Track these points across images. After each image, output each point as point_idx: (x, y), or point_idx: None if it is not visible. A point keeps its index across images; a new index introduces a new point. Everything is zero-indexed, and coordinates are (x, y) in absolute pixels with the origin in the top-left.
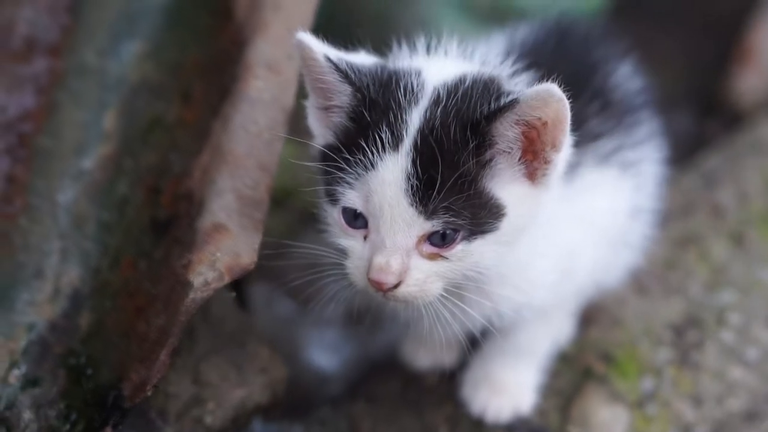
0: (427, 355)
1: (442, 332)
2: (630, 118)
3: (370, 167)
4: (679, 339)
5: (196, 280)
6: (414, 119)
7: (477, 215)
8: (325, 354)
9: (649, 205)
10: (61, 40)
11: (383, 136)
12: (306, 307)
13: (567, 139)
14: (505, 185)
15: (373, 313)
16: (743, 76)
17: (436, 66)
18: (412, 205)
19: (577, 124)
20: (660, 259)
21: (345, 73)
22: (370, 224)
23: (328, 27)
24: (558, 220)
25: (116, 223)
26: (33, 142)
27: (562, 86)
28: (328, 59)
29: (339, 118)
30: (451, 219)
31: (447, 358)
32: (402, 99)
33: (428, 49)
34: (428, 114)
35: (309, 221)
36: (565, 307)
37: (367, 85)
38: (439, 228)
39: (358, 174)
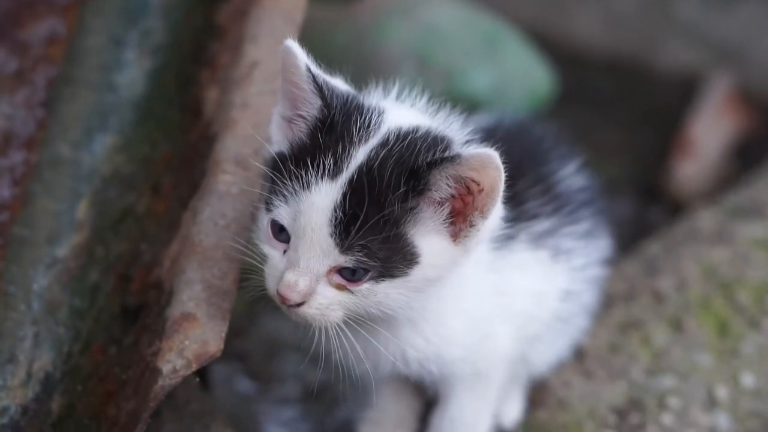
0: None
1: (354, 367)
2: (569, 210)
3: (306, 187)
4: (622, 422)
5: (165, 367)
6: (359, 155)
7: (390, 259)
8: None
9: (584, 301)
10: (37, 133)
11: (327, 162)
12: (265, 385)
13: (496, 209)
14: (426, 235)
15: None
16: (682, 166)
17: (400, 111)
18: (331, 235)
19: (516, 202)
20: (604, 343)
21: (320, 87)
22: (292, 242)
23: None
24: (479, 285)
25: (87, 309)
26: (8, 232)
27: (503, 159)
28: (308, 69)
29: (299, 132)
30: (363, 259)
31: None
32: (355, 133)
33: (399, 95)
34: (372, 153)
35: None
36: (492, 377)
37: (335, 106)
38: (350, 264)
39: (295, 191)
